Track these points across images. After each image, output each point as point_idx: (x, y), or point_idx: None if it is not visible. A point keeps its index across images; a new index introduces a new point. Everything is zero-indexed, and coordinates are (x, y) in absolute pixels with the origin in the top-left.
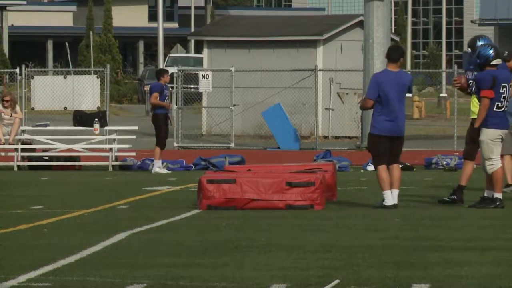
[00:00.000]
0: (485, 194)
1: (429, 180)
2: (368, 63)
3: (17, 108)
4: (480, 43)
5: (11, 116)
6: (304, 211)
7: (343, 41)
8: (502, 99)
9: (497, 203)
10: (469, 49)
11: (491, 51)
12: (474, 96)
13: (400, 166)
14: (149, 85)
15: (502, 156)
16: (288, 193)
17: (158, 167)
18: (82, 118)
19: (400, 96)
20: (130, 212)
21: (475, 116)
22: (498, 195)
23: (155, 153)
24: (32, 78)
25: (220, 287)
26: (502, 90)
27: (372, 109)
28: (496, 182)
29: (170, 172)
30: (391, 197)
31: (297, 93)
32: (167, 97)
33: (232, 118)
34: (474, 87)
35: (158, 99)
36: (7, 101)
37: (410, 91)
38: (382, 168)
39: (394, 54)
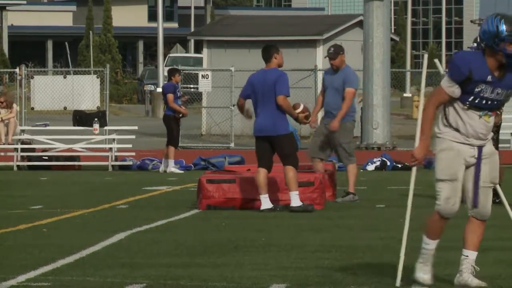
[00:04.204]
0: None
1: (429, 180)
2: (368, 63)
3: (14, 107)
4: None
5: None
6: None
7: (343, 41)
8: None
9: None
10: (474, 44)
11: None
12: None
13: (400, 166)
14: (162, 87)
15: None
16: (287, 193)
17: (173, 167)
18: (82, 118)
19: (265, 95)
20: (129, 212)
21: None
22: None
23: (169, 152)
24: (32, 78)
25: (219, 287)
26: None
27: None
28: None
29: (182, 172)
30: (267, 201)
31: (296, 93)
32: (179, 97)
33: (232, 118)
34: None
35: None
36: (1, 102)
37: (279, 92)
38: (258, 170)
39: (262, 54)
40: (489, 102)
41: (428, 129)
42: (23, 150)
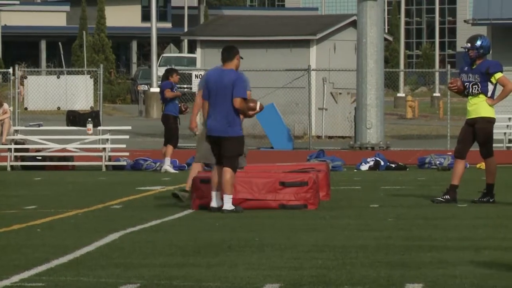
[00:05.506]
0: None
1: (422, 180)
2: (361, 62)
3: (5, 106)
4: (479, 42)
5: None
6: (297, 211)
7: (336, 41)
8: None
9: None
10: (468, 44)
11: None
12: (470, 97)
13: (394, 166)
14: (159, 85)
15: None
16: (281, 192)
17: (168, 165)
18: (76, 118)
19: (219, 95)
20: (123, 212)
21: (471, 117)
22: None
23: (167, 151)
24: (25, 78)
25: (213, 287)
26: None
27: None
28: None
29: (177, 172)
30: (215, 198)
31: (290, 93)
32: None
33: None
34: (471, 89)
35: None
36: None
37: (236, 94)
38: (213, 168)
39: (223, 53)
40: None
41: None
42: (16, 150)
